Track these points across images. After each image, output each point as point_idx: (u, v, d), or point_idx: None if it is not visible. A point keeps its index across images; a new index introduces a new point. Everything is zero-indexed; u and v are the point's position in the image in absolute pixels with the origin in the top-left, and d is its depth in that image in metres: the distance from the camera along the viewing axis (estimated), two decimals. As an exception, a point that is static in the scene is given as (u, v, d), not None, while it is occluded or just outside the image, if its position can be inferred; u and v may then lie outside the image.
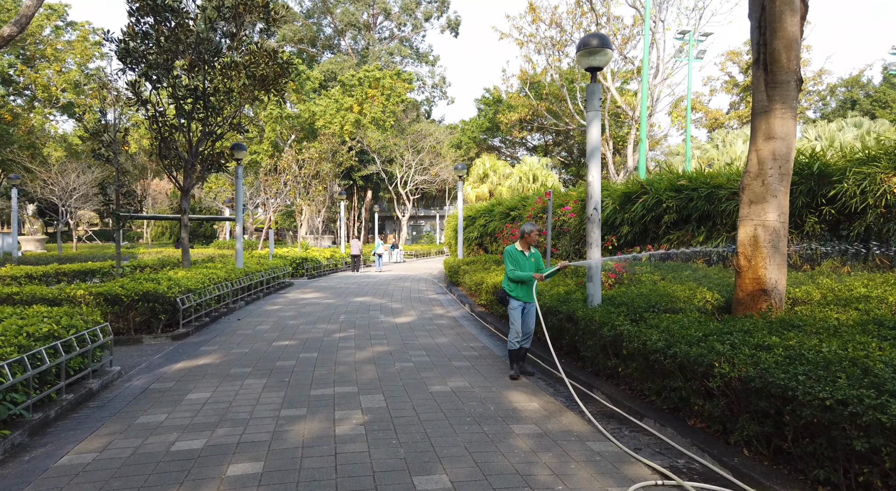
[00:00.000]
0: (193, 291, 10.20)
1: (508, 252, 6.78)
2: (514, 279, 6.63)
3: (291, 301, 14.15)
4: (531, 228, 6.80)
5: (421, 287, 17.99)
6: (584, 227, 12.29)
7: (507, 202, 18.48)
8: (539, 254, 7.19)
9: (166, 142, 12.90)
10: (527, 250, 6.78)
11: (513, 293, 6.68)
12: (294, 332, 9.60)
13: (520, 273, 6.57)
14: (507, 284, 6.75)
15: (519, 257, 6.72)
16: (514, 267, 6.65)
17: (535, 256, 6.85)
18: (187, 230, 13.54)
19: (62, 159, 38.23)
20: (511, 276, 6.62)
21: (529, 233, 6.76)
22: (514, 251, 6.75)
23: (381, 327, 10.03)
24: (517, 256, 6.72)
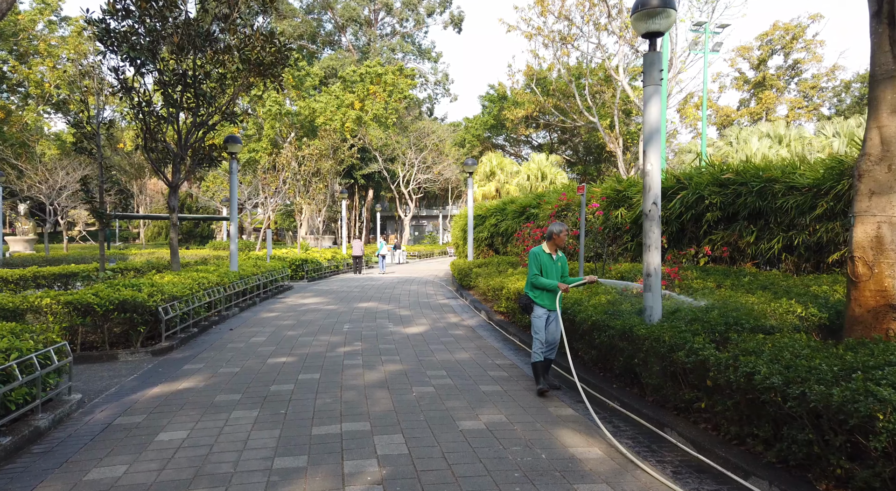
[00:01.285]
0: (179, 299, 9.06)
1: (534, 255, 6.05)
2: (537, 285, 5.98)
3: (290, 307, 13.01)
4: (560, 229, 6.02)
5: (429, 291, 16.86)
6: (612, 225, 11.19)
7: (521, 200, 17.35)
8: (565, 258, 6.31)
9: (153, 133, 11.76)
10: (554, 253, 6.10)
11: (538, 300, 6.02)
12: (292, 345, 8.46)
13: (544, 281, 5.92)
14: (530, 290, 6.09)
15: (546, 261, 6.04)
16: (540, 272, 5.99)
17: (562, 259, 6.17)
18: (177, 230, 12.41)
19: (56, 157, 37.10)
20: (535, 282, 5.97)
21: (559, 234, 6.01)
22: (540, 254, 6.05)
23: (391, 339, 8.89)
24: (544, 259, 6.04)
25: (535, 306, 6.03)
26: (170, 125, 12.10)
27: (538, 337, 5.95)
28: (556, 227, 6.08)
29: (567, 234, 6.30)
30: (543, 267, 6.00)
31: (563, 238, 6.08)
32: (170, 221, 12.38)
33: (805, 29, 41.69)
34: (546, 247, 6.11)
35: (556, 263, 6.10)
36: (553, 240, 6.06)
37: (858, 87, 40.18)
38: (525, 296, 6.20)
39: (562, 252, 6.44)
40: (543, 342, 5.96)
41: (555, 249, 6.10)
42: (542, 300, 6.02)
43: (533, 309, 6.04)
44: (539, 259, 6.02)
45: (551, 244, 6.09)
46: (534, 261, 6.03)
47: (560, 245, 6.10)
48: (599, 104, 38.20)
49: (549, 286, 5.92)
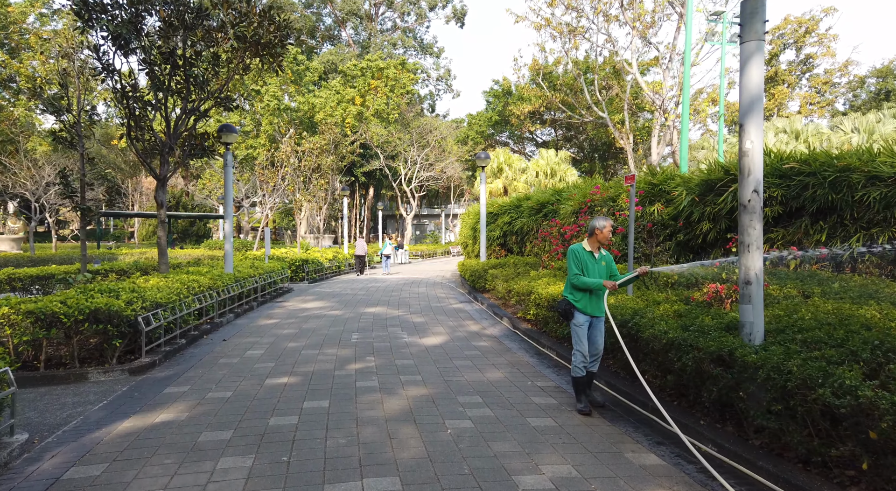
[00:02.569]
0: (164, 306, 7.88)
1: (574, 253, 5.40)
2: (578, 287, 5.30)
3: (291, 313, 11.84)
4: (604, 223, 5.35)
5: (439, 294, 15.69)
6: (646, 223, 10.05)
7: (538, 196, 16.18)
8: (611, 257, 5.58)
9: (138, 121, 10.57)
10: (596, 251, 5.43)
11: (579, 305, 5.32)
12: (295, 360, 7.29)
13: (586, 280, 5.23)
14: (570, 293, 5.40)
15: (587, 259, 5.36)
16: (581, 271, 5.32)
17: (606, 258, 5.47)
18: (165, 228, 11.22)
19: (46, 154, 35.86)
20: (575, 282, 5.29)
21: (602, 229, 5.34)
22: (580, 251, 5.40)
23: (408, 353, 7.72)
24: (584, 257, 5.37)
25: (577, 313, 5.32)
26: (157, 112, 10.92)
27: (580, 349, 5.25)
28: (600, 221, 5.36)
29: (612, 229, 5.42)
30: (585, 266, 5.31)
31: (606, 234, 5.34)
32: (158, 219, 11.20)
33: (818, 22, 40.56)
34: (587, 244, 5.41)
35: (600, 262, 5.40)
36: (595, 236, 5.37)
37: (874, 82, 39.09)
38: (564, 300, 5.39)
39: (606, 251, 5.54)
40: (586, 354, 5.25)
41: (597, 247, 5.41)
42: (584, 305, 5.29)
43: (573, 316, 5.33)
44: (579, 257, 5.34)
45: (593, 241, 5.39)
46: (573, 259, 5.35)
47: (603, 242, 5.39)
48: (607, 100, 37.03)
49: (593, 285, 5.18)
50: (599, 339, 5.41)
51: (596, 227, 5.39)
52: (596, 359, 5.47)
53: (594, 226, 5.40)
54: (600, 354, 5.48)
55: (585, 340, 5.35)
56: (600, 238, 5.42)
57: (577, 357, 5.35)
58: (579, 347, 5.31)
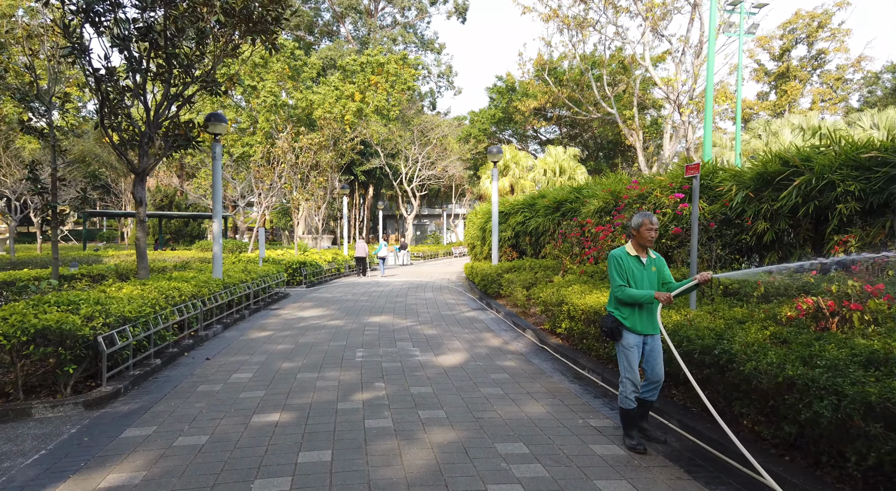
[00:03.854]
0: (134, 321, 6.65)
1: (616, 259, 4.46)
2: (624, 300, 4.35)
3: (286, 323, 10.61)
4: (640, 220, 4.41)
5: (448, 300, 14.47)
6: (684, 224, 8.86)
7: (555, 193, 14.97)
8: (663, 261, 4.58)
9: (112, 106, 9.33)
10: (643, 255, 4.47)
11: (627, 322, 4.38)
12: (289, 387, 6.06)
13: (633, 292, 4.29)
14: (614, 308, 4.47)
15: (632, 266, 4.42)
16: (626, 282, 4.38)
17: (657, 263, 4.51)
18: (144, 228, 9.99)
19: (36, 151, 34.56)
20: (620, 295, 4.36)
21: (637, 227, 4.42)
22: (623, 257, 4.45)
23: (424, 377, 6.50)
24: (629, 264, 4.42)
25: (625, 332, 4.36)
26: (136, 98, 9.69)
27: (629, 377, 4.32)
28: (639, 217, 4.43)
29: (654, 227, 4.39)
30: (631, 275, 4.38)
31: (646, 233, 4.37)
32: (136, 218, 9.96)
33: (831, 16, 39.45)
34: (630, 247, 4.47)
35: (649, 267, 4.46)
36: (637, 236, 4.43)
37: (889, 78, 37.95)
38: (609, 317, 4.43)
39: (656, 253, 4.55)
40: (637, 382, 4.33)
41: (643, 250, 4.46)
42: (633, 322, 4.35)
43: (622, 335, 4.37)
44: (622, 264, 4.40)
45: (636, 243, 4.46)
46: (615, 268, 4.42)
47: (646, 243, 4.42)
48: (614, 96, 35.87)
49: (642, 298, 4.26)
50: (657, 363, 4.39)
51: (636, 226, 4.42)
52: (655, 387, 4.42)
53: (636, 223, 4.42)
54: (660, 381, 4.43)
55: (636, 365, 4.35)
56: (643, 239, 4.41)
57: (627, 386, 4.35)
58: (629, 375, 4.32)
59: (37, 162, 10.47)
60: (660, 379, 4.46)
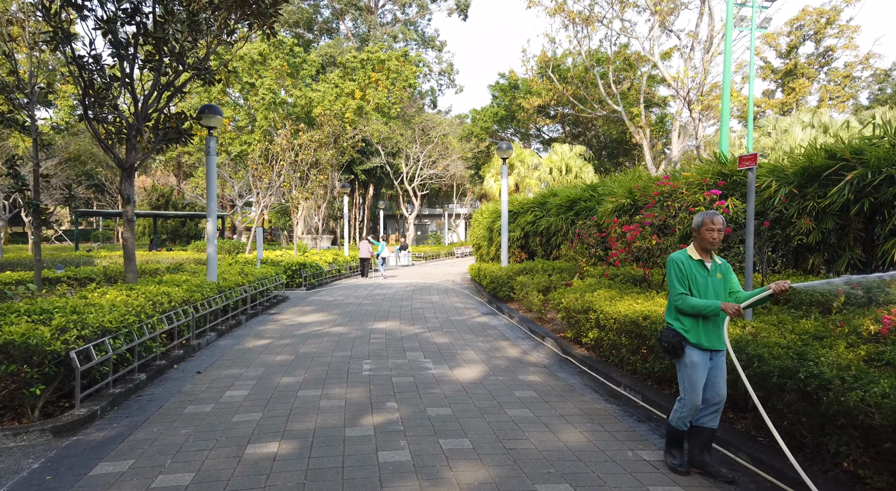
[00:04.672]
0: (115, 332, 5.93)
1: (675, 264, 3.91)
2: (686, 311, 3.81)
3: (285, 330, 9.89)
4: (701, 219, 3.88)
5: (455, 303, 13.75)
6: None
7: (568, 191, 14.27)
8: (729, 267, 3.99)
9: (98, 96, 8.61)
10: (707, 260, 3.94)
11: (690, 336, 3.82)
12: (289, 409, 5.34)
13: (697, 302, 3.75)
14: (675, 320, 3.92)
15: (695, 272, 3.88)
16: (687, 290, 3.84)
17: (722, 269, 3.95)
18: (132, 228, 9.26)
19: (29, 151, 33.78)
20: (681, 305, 3.82)
21: (699, 227, 3.90)
22: (684, 261, 3.91)
23: (441, 395, 5.78)
24: (691, 269, 3.89)
25: (689, 348, 3.80)
26: (124, 87, 8.97)
27: (691, 399, 3.77)
28: (698, 217, 3.88)
29: (717, 227, 3.81)
30: (693, 282, 3.84)
31: (707, 235, 3.81)
32: (123, 217, 9.24)
33: (840, 12, 38.79)
34: (693, 251, 3.92)
35: (714, 274, 3.89)
36: (700, 238, 3.87)
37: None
38: (671, 331, 3.88)
39: (721, 258, 4.03)
40: (697, 404, 3.77)
41: (707, 254, 3.91)
42: (697, 335, 3.78)
43: (685, 351, 3.80)
44: (683, 269, 3.86)
45: (699, 246, 3.91)
46: (675, 273, 3.87)
47: (708, 245, 3.85)
48: (620, 93, 35.20)
49: (707, 309, 3.70)
50: (720, 382, 3.82)
51: (700, 225, 3.86)
52: (716, 409, 3.85)
53: (700, 222, 3.87)
54: (722, 403, 3.84)
55: (701, 387, 3.78)
56: (706, 242, 3.84)
57: (685, 408, 3.83)
58: (691, 396, 3.78)
59: (17, 157, 9.72)
60: (721, 400, 3.87)
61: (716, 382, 3.84)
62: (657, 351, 5.50)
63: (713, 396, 3.84)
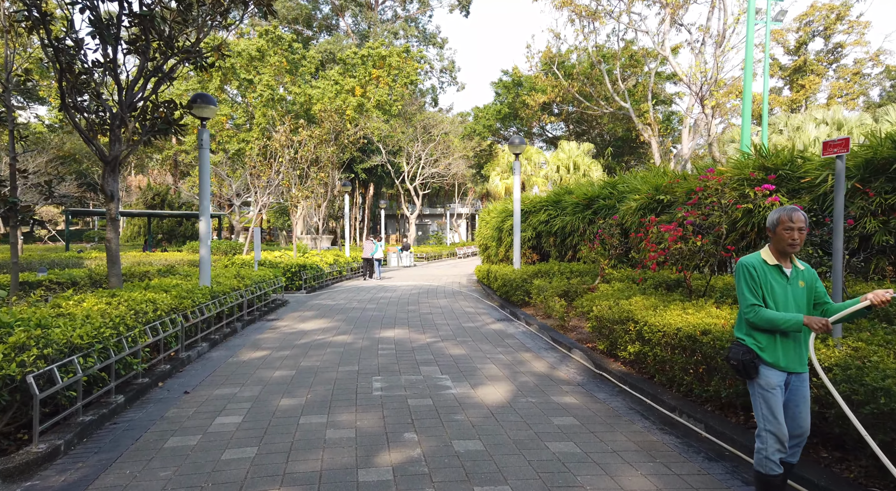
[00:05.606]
0: (86, 349, 5.09)
1: (746, 269, 3.20)
2: (760, 326, 3.12)
3: (285, 339, 9.05)
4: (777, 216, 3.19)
5: (465, 308, 12.93)
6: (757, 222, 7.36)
7: (584, 189, 13.45)
8: (814, 274, 3.28)
9: (77, 82, 7.77)
10: (786, 264, 3.22)
11: (766, 354, 3.14)
12: (290, 442, 4.51)
13: (773, 316, 3.06)
14: (745, 334, 3.24)
15: (770, 279, 3.18)
16: (761, 300, 3.13)
17: (805, 276, 3.23)
18: (116, 228, 8.42)
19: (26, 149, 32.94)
20: (753, 318, 3.12)
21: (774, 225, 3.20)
22: (757, 266, 3.20)
23: (467, 423, 4.95)
24: (766, 276, 3.18)
25: (764, 368, 3.14)
26: (107, 72, 8.14)
27: (772, 429, 3.08)
28: (774, 214, 3.21)
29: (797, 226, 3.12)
30: (769, 291, 3.17)
31: (785, 235, 3.14)
32: (106, 216, 8.40)
33: (850, 8, 38.01)
34: (768, 253, 3.26)
35: (794, 281, 3.22)
36: (777, 239, 3.19)
37: (910, 72, 36.56)
38: (741, 347, 3.23)
39: (804, 263, 3.31)
40: (784, 440, 3.07)
41: (785, 258, 3.23)
42: (774, 354, 3.13)
43: (758, 372, 3.15)
44: (756, 276, 3.18)
45: (775, 248, 3.24)
46: (746, 280, 3.19)
47: (786, 248, 3.17)
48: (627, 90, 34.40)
49: (786, 324, 3.05)
50: (803, 411, 3.17)
51: (776, 223, 3.19)
52: (797, 443, 3.21)
53: (777, 219, 3.18)
54: (805, 436, 3.21)
55: (781, 413, 3.11)
56: (779, 243, 3.19)
57: (769, 442, 3.10)
58: (771, 426, 3.09)
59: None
60: (804, 433, 3.19)
61: (797, 412, 3.17)
62: (723, 371, 4.68)
63: (794, 428, 3.18)
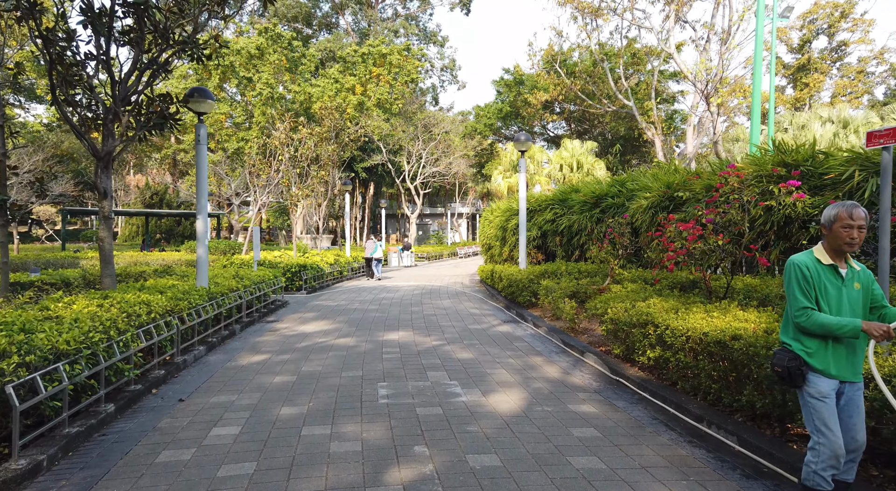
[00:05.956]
0: (73, 355, 4.76)
1: (797, 269, 2.94)
2: (812, 331, 2.86)
3: (285, 341, 8.72)
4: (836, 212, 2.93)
5: (470, 309, 12.60)
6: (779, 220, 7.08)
7: (592, 187, 13.12)
8: (870, 275, 3.04)
9: (68, 75, 7.44)
10: (841, 264, 2.95)
11: (815, 361, 2.89)
12: (291, 457, 4.18)
13: (828, 320, 2.80)
14: (793, 339, 2.98)
15: (824, 280, 2.91)
16: (814, 303, 2.87)
17: (861, 278, 2.99)
18: (110, 226, 8.10)
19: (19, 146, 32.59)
20: (804, 322, 2.86)
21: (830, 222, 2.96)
22: (810, 266, 2.93)
23: (481, 435, 4.62)
24: (819, 276, 2.91)
25: (813, 376, 2.91)
26: (99, 65, 7.81)
27: (826, 443, 2.82)
28: (831, 209, 2.94)
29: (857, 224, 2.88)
30: (822, 293, 2.91)
31: (843, 233, 2.89)
32: (100, 214, 8.07)
33: (854, 5, 37.71)
34: (822, 252, 2.99)
35: (850, 283, 2.96)
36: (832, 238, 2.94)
37: (917, 70, 36.28)
38: (787, 353, 2.99)
39: (860, 263, 3.08)
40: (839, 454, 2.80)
41: (842, 257, 2.97)
42: (824, 361, 2.90)
43: (807, 380, 2.92)
44: (809, 277, 2.93)
45: (828, 246, 2.98)
46: (798, 280, 2.94)
47: (843, 247, 2.92)
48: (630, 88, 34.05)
49: (842, 330, 2.79)
50: (857, 423, 2.93)
51: (833, 220, 2.92)
52: (853, 458, 2.95)
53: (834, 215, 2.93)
54: (860, 450, 2.96)
55: (835, 424, 2.85)
56: (836, 241, 2.93)
57: (822, 456, 2.84)
58: (823, 439, 2.83)
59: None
60: (859, 447, 2.93)
61: (851, 425, 2.93)
62: (756, 379, 4.36)
63: (848, 443, 2.92)
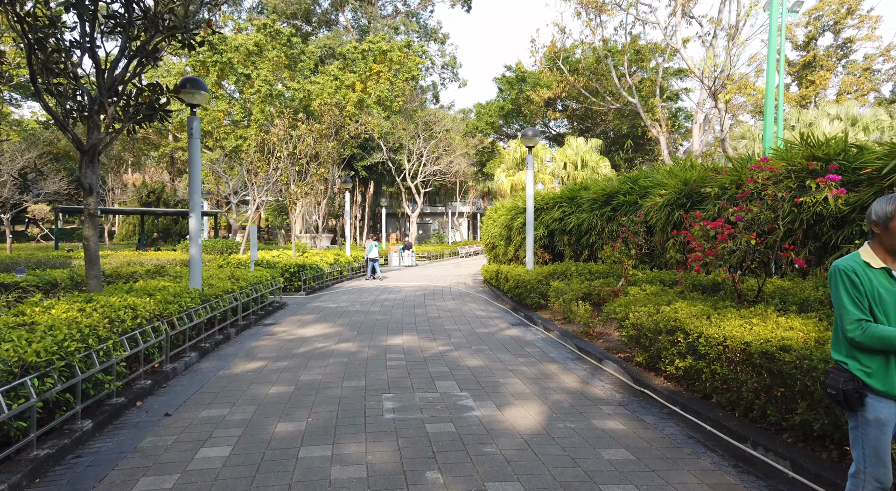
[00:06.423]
0: (44, 368, 4.26)
1: (844, 275, 2.51)
2: (869, 345, 2.44)
3: (282, 347, 8.23)
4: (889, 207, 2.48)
5: (476, 311, 12.11)
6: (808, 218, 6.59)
7: (602, 184, 12.64)
8: None
9: (49, 62, 6.94)
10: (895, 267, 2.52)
11: (874, 381, 2.48)
12: (287, 485, 3.69)
13: (887, 333, 2.39)
14: (846, 356, 2.54)
15: (877, 287, 2.48)
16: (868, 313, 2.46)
17: None
18: (95, 224, 7.61)
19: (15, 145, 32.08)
20: (860, 337, 2.44)
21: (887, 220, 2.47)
22: (859, 272, 2.50)
23: (500, 458, 4.12)
24: (871, 282, 2.48)
25: (872, 398, 2.48)
26: (83, 52, 7.31)
27: (875, 471, 2.45)
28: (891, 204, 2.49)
29: None
30: (876, 301, 2.48)
31: None
32: (84, 212, 7.57)
33: (860, 2, 37.20)
34: (870, 254, 2.55)
35: None
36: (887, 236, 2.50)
37: (923, 68, 35.85)
38: (843, 372, 2.55)
39: None
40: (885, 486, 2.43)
41: (894, 259, 2.54)
42: (886, 381, 2.47)
43: (864, 403, 2.49)
44: (859, 284, 2.49)
45: (879, 247, 2.55)
46: (847, 289, 2.50)
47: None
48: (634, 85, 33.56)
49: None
50: None
51: (874, 220, 2.55)
52: None
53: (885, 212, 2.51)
54: None
55: (889, 455, 2.48)
56: (892, 241, 2.50)
57: (868, 485, 2.49)
58: (874, 469, 2.47)
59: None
60: None
61: None
62: (813, 397, 3.87)
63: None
